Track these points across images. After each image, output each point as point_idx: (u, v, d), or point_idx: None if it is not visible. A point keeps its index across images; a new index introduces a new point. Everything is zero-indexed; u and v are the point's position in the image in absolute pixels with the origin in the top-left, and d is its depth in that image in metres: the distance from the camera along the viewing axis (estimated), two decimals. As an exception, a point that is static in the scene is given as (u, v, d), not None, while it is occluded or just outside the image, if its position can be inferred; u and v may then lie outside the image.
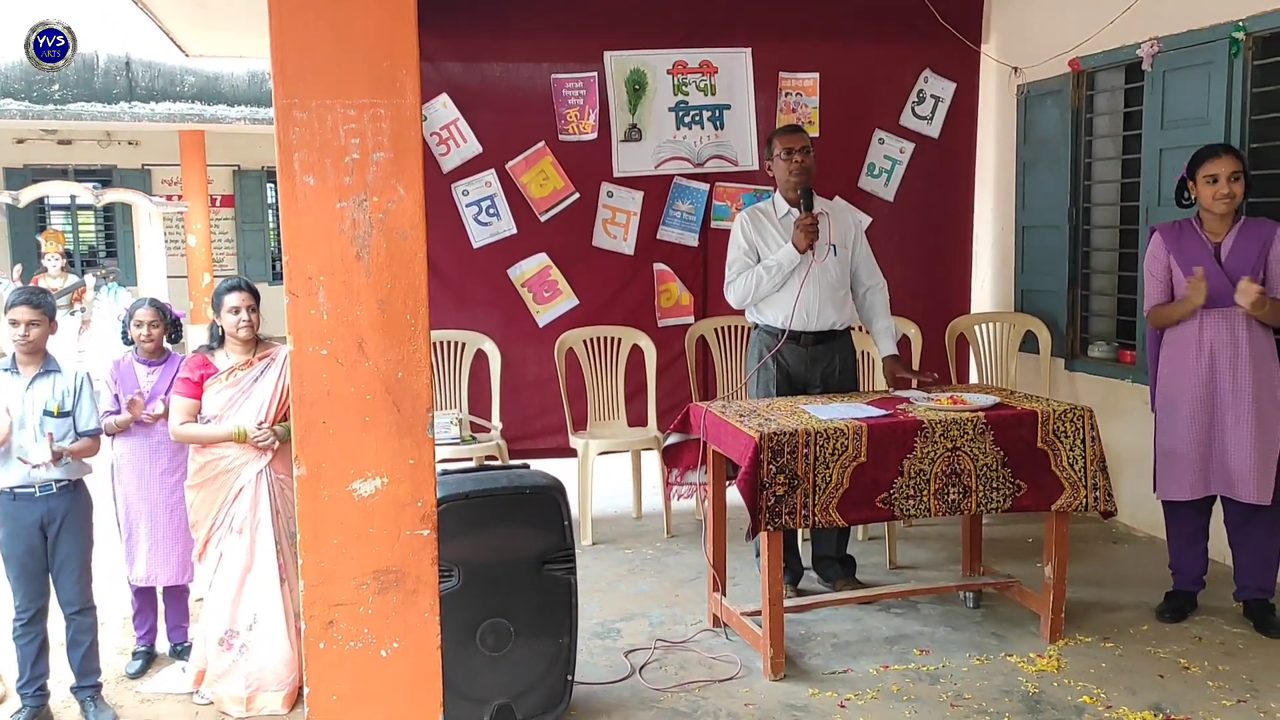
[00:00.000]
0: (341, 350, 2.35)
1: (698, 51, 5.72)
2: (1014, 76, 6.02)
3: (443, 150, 5.56)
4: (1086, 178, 5.69)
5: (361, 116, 2.30)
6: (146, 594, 4.11)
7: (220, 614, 3.76)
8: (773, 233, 4.28)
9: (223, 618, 3.76)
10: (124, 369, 4.05)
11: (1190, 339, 4.00)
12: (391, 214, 2.34)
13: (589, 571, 4.87)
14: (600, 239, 5.72)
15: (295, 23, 2.27)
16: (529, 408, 5.72)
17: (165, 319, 4.07)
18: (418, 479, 2.45)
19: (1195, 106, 4.81)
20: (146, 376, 4.03)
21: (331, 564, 2.41)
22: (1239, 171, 3.90)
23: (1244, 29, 4.52)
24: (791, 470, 3.57)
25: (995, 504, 3.78)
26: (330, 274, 2.33)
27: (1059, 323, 5.77)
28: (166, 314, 4.08)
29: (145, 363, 4.06)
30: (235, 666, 3.71)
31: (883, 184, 5.97)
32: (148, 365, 4.05)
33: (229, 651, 3.73)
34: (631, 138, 5.69)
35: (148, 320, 4.01)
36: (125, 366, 4.06)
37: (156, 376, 4.03)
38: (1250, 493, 3.87)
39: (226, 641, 3.74)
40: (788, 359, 4.30)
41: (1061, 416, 3.81)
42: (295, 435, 2.37)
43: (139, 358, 4.06)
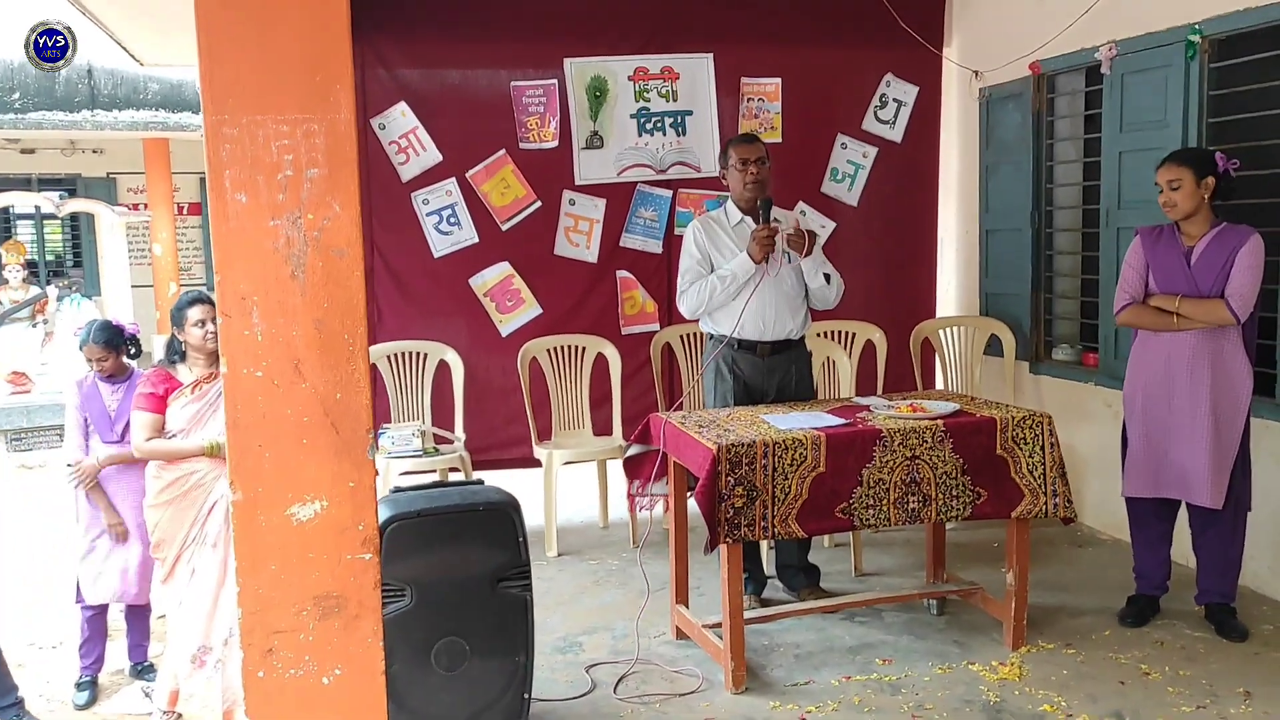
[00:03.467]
0: (277, 371, 2.30)
1: (659, 58, 5.68)
2: (975, 80, 6.02)
3: (402, 159, 5.50)
4: (1048, 181, 5.70)
5: (294, 132, 2.25)
6: (97, 621, 4.02)
7: (194, 630, 3.68)
8: (726, 241, 4.25)
9: (196, 634, 3.68)
10: (88, 390, 3.98)
11: (1154, 342, 4.01)
12: (327, 231, 2.29)
13: (553, 584, 4.83)
14: (562, 247, 5.67)
15: (224, 36, 2.22)
16: (493, 418, 5.67)
17: (119, 345, 3.98)
18: (358, 501, 2.40)
19: (1153, 109, 4.82)
20: (111, 395, 3.97)
21: (270, 590, 2.35)
22: (1178, 179, 3.89)
23: (1200, 32, 4.53)
24: (750, 481, 3.54)
25: (955, 512, 3.76)
26: (264, 293, 2.28)
27: (1023, 326, 5.78)
28: (119, 340, 3.99)
29: (108, 381, 3.99)
30: (210, 683, 3.64)
31: (846, 189, 5.96)
32: (111, 384, 3.98)
33: (202, 669, 3.66)
34: (593, 145, 5.65)
35: (95, 357, 3.94)
36: (89, 387, 3.98)
37: (121, 394, 3.97)
38: (1205, 496, 3.88)
39: (199, 659, 3.66)
40: (744, 369, 4.27)
41: (1020, 423, 3.79)
42: (230, 460, 2.32)
43: (100, 377, 3.99)
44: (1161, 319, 3.94)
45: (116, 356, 3.98)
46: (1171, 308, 3.91)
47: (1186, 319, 3.88)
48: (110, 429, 3.95)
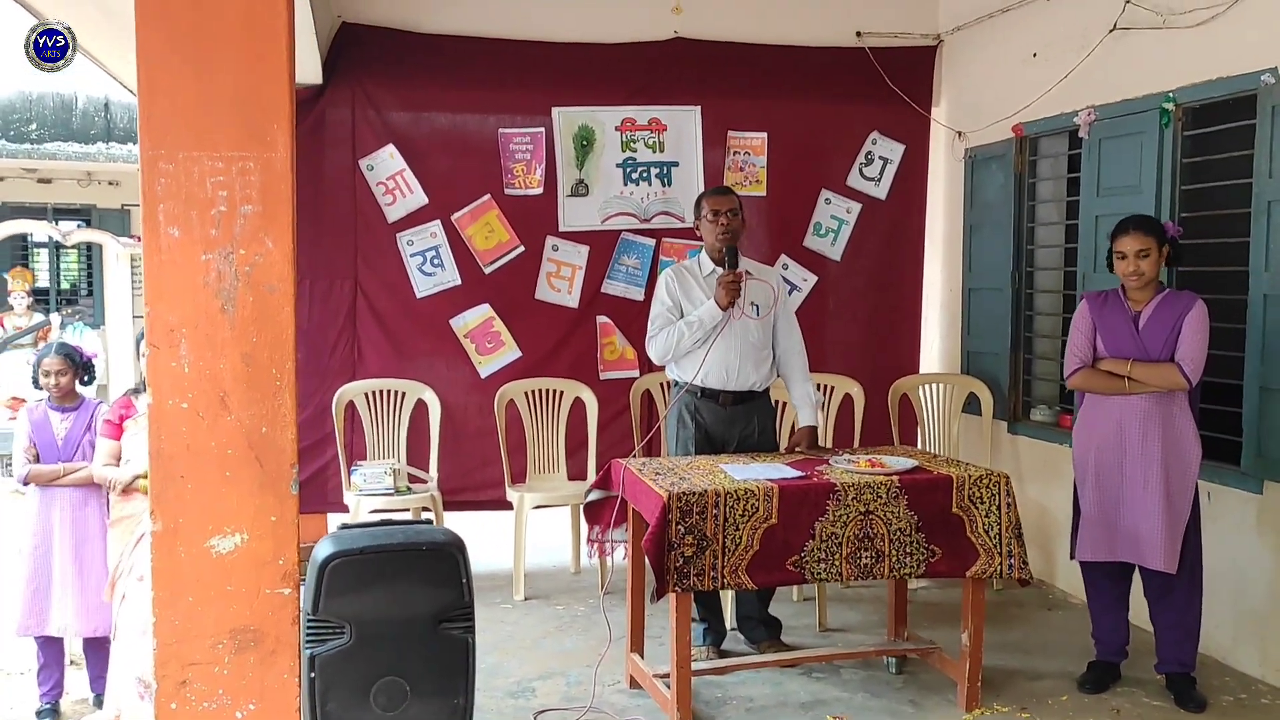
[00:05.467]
0: (203, 404, 2.33)
1: (647, 109, 5.77)
2: (959, 140, 6.07)
3: (389, 200, 5.58)
4: (1029, 242, 5.72)
5: (230, 169, 2.30)
6: (53, 648, 4.04)
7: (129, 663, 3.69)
8: (697, 290, 4.28)
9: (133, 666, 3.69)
10: (38, 417, 4.02)
11: (1106, 405, 4.01)
12: (259, 267, 2.33)
13: (516, 628, 4.82)
14: (544, 292, 5.72)
15: (162, 71, 2.28)
16: (469, 459, 5.69)
17: (75, 365, 4.04)
18: (279, 536, 2.42)
19: (1128, 174, 4.85)
20: (60, 423, 4.02)
21: (186, 622, 2.37)
22: (1147, 248, 3.91)
23: (1174, 100, 4.57)
24: (700, 531, 3.54)
25: (909, 569, 3.74)
26: (193, 326, 2.32)
27: (1002, 385, 5.77)
28: (76, 359, 4.05)
29: (58, 409, 4.03)
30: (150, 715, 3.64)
31: (829, 243, 6.00)
32: (61, 412, 4.03)
33: (143, 701, 3.66)
34: (578, 193, 5.72)
35: (55, 369, 3.99)
36: (39, 415, 4.03)
37: (70, 422, 4.02)
38: (1159, 560, 3.85)
39: (139, 692, 3.67)
40: (706, 417, 4.28)
41: (977, 482, 3.79)
42: (152, 490, 2.34)
43: (51, 404, 4.04)
44: (1113, 383, 3.94)
45: (72, 375, 4.03)
46: (1123, 372, 3.91)
47: (1138, 383, 3.88)
48: (57, 458, 3.99)
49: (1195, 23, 4.45)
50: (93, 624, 4.02)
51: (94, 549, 4.02)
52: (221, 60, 2.30)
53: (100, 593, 3.99)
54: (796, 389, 4.39)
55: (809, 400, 4.37)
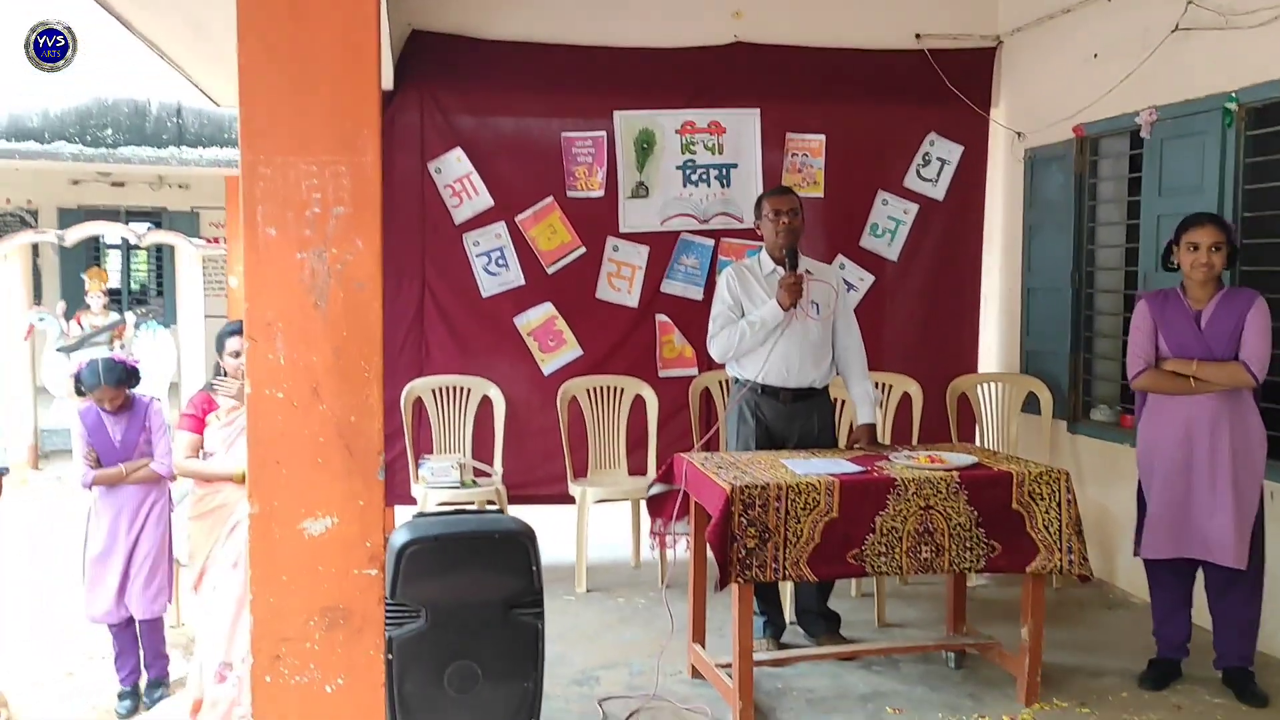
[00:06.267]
0: (297, 394, 2.46)
1: (706, 112, 5.86)
2: (1019, 141, 6.08)
3: (455, 202, 5.73)
4: (1090, 242, 5.72)
5: (323, 173, 2.43)
6: (126, 635, 4.21)
7: (216, 647, 3.86)
8: (757, 289, 4.37)
9: (218, 650, 3.85)
10: (93, 422, 4.17)
11: (1171, 405, 4.02)
12: (349, 265, 2.46)
13: (579, 619, 4.93)
14: (604, 291, 5.85)
15: (262, 84, 2.41)
16: (532, 454, 5.82)
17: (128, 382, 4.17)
18: (366, 520, 2.54)
19: (1191, 174, 4.85)
20: (114, 425, 4.17)
21: (280, 600, 2.50)
22: (1220, 242, 3.93)
23: (1236, 100, 4.57)
24: (763, 523, 3.63)
25: (968, 564, 3.79)
26: (288, 321, 2.45)
27: (1061, 385, 5.78)
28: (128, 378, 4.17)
29: (111, 413, 4.18)
30: (230, 700, 3.81)
31: (886, 244, 6.05)
32: (114, 415, 4.18)
33: (223, 684, 3.83)
34: (639, 194, 5.83)
35: (106, 398, 4.14)
36: (92, 419, 4.18)
37: (125, 423, 4.18)
38: (1229, 556, 3.86)
39: (220, 674, 3.84)
40: (767, 414, 4.37)
41: (1037, 478, 3.83)
42: (250, 474, 2.48)
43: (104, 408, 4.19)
44: (1179, 383, 3.96)
45: (125, 393, 4.20)
46: (1189, 371, 3.93)
47: (1204, 382, 3.89)
48: (116, 459, 4.15)
49: (1258, 23, 4.44)
50: (151, 609, 4.21)
51: (155, 538, 4.21)
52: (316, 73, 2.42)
53: (154, 580, 4.18)
54: (855, 386, 4.45)
55: (868, 398, 4.43)
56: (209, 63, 5.26)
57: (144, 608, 4.18)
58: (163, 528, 4.26)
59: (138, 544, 4.19)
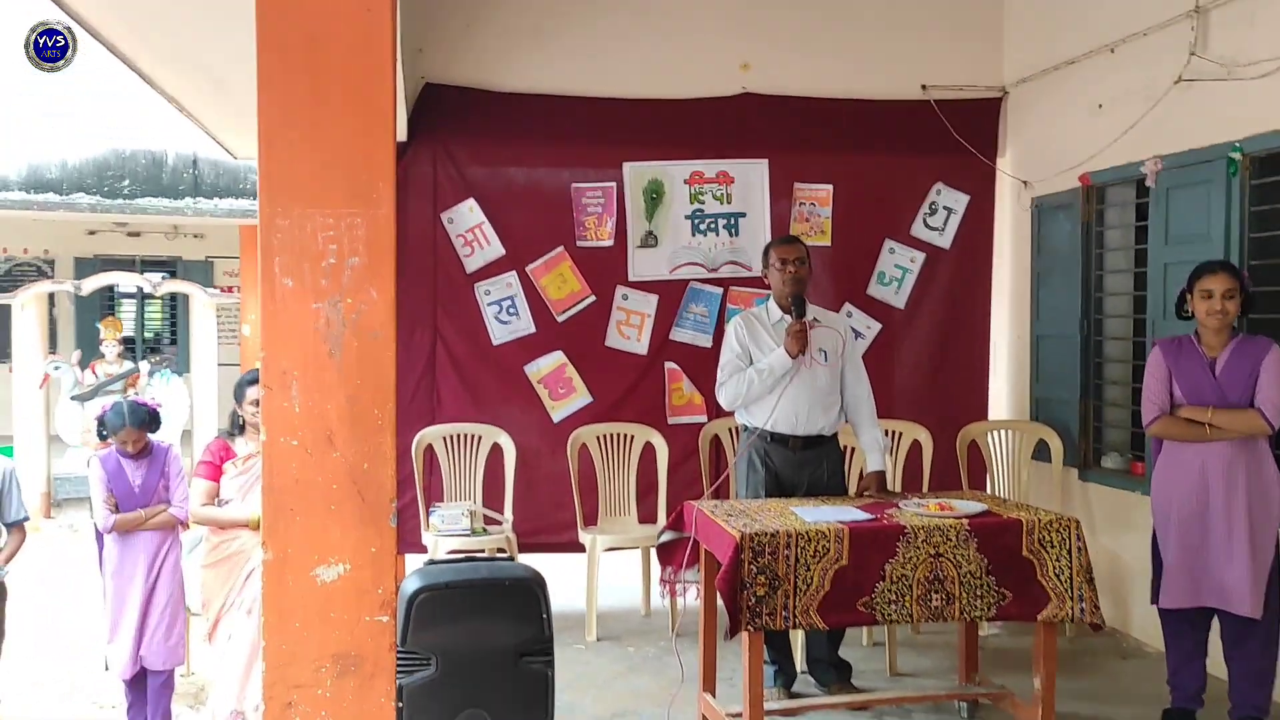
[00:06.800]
0: (311, 441, 2.49)
1: (715, 162, 5.94)
2: (1026, 189, 6.14)
3: (467, 251, 5.80)
4: (1098, 289, 5.75)
5: (339, 224, 2.48)
6: (137, 687, 4.20)
7: (228, 694, 3.87)
8: (765, 337, 4.40)
9: (229, 698, 3.86)
10: (112, 467, 4.21)
11: (1186, 452, 4.02)
12: (364, 315, 2.50)
13: (588, 667, 4.91)
14: (614, 339, 5.89)
15: (281, 138, 2.48)
16: (542, 502, 5.83)
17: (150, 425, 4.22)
18: (379, 566, 2.56)
19: (1197, 223, 4.89)
20: (134, 471, 4.21)
21: (293, 646, 2.51)
22: (1233, 289, 3.96)
23: (1241, 149, 4.61)
24: (772, 571, 3.63)
25: (979, 612, 3.78)
26: (304, 369, 2.49)
27: (1072, 432, 5.78)
28: (150, 421, 4.23)
29: (131, 458, 4.22)
30: None
31: (893, 292, 6.10)
32: (134, 460, 4.22)
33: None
34: (648, 244, 5.90)
35: (130, 439, 4.18)
36: (112, 464, 4.22)
37: (144, 469, 4.22)
38: (1245, 605, 3.84)
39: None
40: (776, 461, 4.38)
41: (1047, 526, 3.82)
42: (264, 521, 2.50)
43: (122, 453, 4.23)
44: (1194, 430, 3.96)
45: (146, 436, 4.24)
46: (1204, 419, 3.93)
47: (1219, 429, 3.90)
48: (135, 505, 4.18)
49: (1260, 74, 4.50)
50: (165, 659, 4.20)
51: (170, 586, 4.23)
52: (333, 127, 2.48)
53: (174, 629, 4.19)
54: (865, 434, 4.47)
55: (877, 445, 4.45)
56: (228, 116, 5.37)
57: (163, 658, 4.17)
58: (178, 576, 4.28)
59: (155, 592, 4.20)
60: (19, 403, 9.37)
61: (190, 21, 3.92)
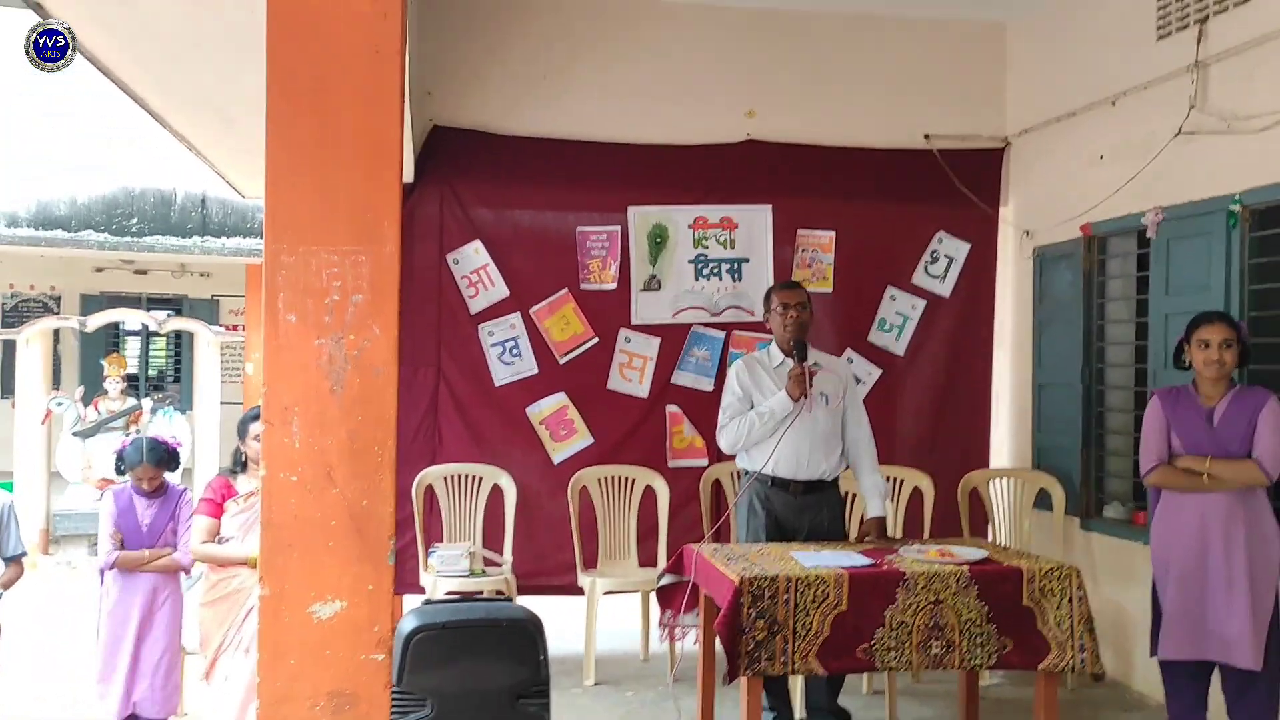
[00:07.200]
0: (311, 477, 2.50)
1: (719, 208, 5.99)
2: (1026, 239, 6.18)
3: (472, 293, 5.84)
4: (1100, 339, 5.77)
5: (343, 262, 2.51)
6: None
7: None
8: (767, 381, 4.42)
9: None
10: (123, 503, 4.20)
11: (1185, 503, 4.01)
12: (366, 351, 2.52)
13: (586, 712, 4.88)
14: (616, 382, 5.91)
15: (288, 177, 2.51)
16: (542, 544, 5.81)
17: (169, 463, 4.23)
18: (375, 604, 2.56)
19: (1197, 274, 4.91)
20: (145, 510, 4.20)
21: (288, 684, 2.51)
22: (1231, 339, 3.97)
23: (1240, 202, 4.65)
24: (772, 615, 3.61)
25: (980, 660, 3.75)
26: (305, 405, 2.50)
27: (1074, 481, 5.77)
28: (169, 459, 4.24)
29: (144, 496, 4.22)
30: None
31: (894, 339, 6.12)
32: (145, 498, 4.22)
33: None
34: (651, 287, 5.93)
35: (147, 476, 4.19)
36: (124, 500, 4.21)
37: (155, 509, 4.21)
38: (1246, 658, 3.81)
39: None
40: (776, 505, 4.37)
41: (1048, 574, 3.81)
42: (261, 557, 2.51)
43: (137, 490, 4.23)
44: (1192, 480, 3.96)
45: (163, 474, 4.24)
46: (1202, 469, 3.93)
47: (1217, 479, 3.89)
48: (140, 544, 4.17)
49: (1260, 128, 4.55)
50: (159, 706, 4.16)
51: (167, 632, 4.19)
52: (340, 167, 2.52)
53: (172, 675, 4.15)
54: (866, 479, 4.46)
55: (878, 490, 4.44)
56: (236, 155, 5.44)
57: (158, 706, 4.13)
58: (176, 623, 4.24)
59: (148, 637, 4.16)
60: (20, 438, 9.37)
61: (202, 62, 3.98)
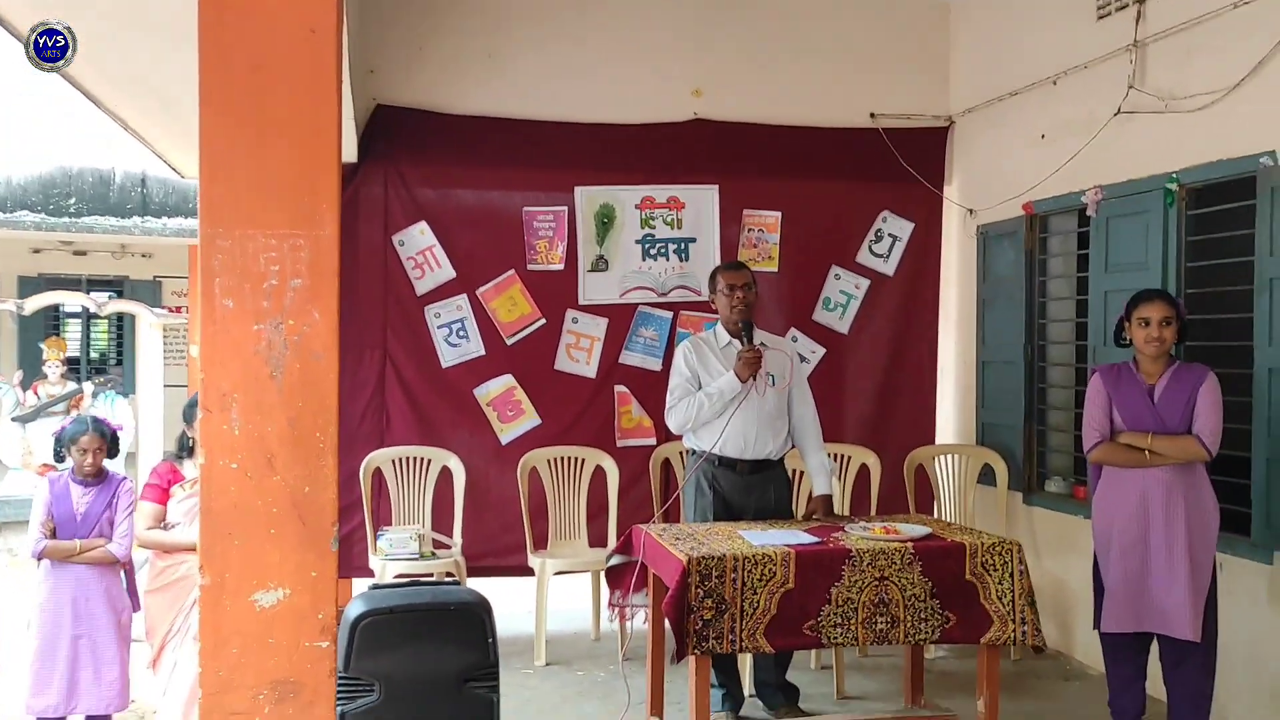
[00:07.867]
0: (251, 465, 2.47)
1: (666, 188, 5.98)
2: (970, 217, 6.24)
3: (418, 274, 5.78)
4: (1041, 316, 5.85)
5: (282, 245, 2.47)
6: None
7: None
8: (714, 362, 4.43)
9: None
10: (59, 489, 4.05)
11: (1127, 478, 4.09)
12: (306, 337, 2.49)
13: (536, 693, 4.88)
14: (563, 362, 5.90)
15: (223, 159, 2.46)
16: (491, 525, 5.80)
17: (106, 440, 4.10)
18: (319, 591, 2.53)
19: (1135, 252, 5.00)
20: (81, 497, 4.05)
21: (230, 673, 2.48)
22: (1170, 317, 4.04)
23: (1177, 180, 4.73)
24: (719, 594, 3.63)
25: (924, 635, 3.81)
26: (244, 391, 2.47)
27: (1016, 457, 5.86)
28: (108, 435, 4.11)
29: (80, 483, 4.07)
30: None
31: (838, 317, 6.17)
32: (83, 485, 4.07)
33: None
34: (598, 268, 5.92)
35: (93, 447, 4.03)
36: (60, 486, 4.06)
37: (91, 497, 4.06)
38: (1185, 629, 3.90)
39: None
40: (724, 485, 4.40)
41: (990, 549, 3.87)
42: (201, 546, 2.47)
43: (74, 477, 4.08)
44: (1134, 456, 4.03)
45: (105, 452, 4.10)
46: (1144, 445, 4.00)
47: (1159, 455, 3.97)
48: (73, 533, 4.01)
49: (1197, 107, 4.63)
50: (103, 703, 4.05)
51: (105, 626, 4.04)
52: (276, 148, 2.48)
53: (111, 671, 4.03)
54: (812, 458, 4.50)
55: (824, 469, 4.48)
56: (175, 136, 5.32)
57: (97, 702, 4.02)
58: (115, 615, 4.08)
59: (87, 629, 4.01)
60: (-43, 425, 9.14)
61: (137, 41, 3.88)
